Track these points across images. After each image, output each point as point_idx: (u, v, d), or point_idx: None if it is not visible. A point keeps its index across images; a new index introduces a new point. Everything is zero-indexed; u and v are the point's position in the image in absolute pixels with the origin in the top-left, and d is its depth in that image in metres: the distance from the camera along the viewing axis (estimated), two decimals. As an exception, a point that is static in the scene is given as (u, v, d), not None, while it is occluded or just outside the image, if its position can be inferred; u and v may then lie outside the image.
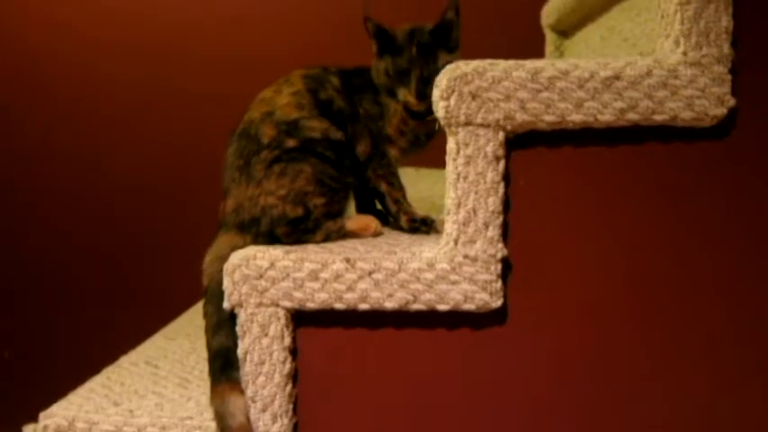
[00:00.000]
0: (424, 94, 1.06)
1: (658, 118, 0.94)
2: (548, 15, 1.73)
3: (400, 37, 1.12)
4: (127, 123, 2.05)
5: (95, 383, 1.20)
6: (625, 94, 0.93)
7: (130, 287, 2.08)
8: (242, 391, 1.00)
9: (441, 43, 1.11)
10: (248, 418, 1.00)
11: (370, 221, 1.11)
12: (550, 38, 1.77)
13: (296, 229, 1.07)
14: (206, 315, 1.05)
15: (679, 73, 0.93)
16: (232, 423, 0.99)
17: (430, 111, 0.99)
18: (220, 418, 1.00)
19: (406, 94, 1.10)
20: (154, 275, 2.06)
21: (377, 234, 1.11)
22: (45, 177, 2.08)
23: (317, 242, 1.08)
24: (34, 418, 1.07)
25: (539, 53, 1.79)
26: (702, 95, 0.93)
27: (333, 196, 1.10)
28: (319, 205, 1.08)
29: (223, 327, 1.03)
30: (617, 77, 0.93)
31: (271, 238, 1.07)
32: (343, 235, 1.10)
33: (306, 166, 1.07)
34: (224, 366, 1.02)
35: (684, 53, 0.93)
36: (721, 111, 0.94)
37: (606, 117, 0.94)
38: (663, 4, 0.96)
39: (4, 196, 2.10)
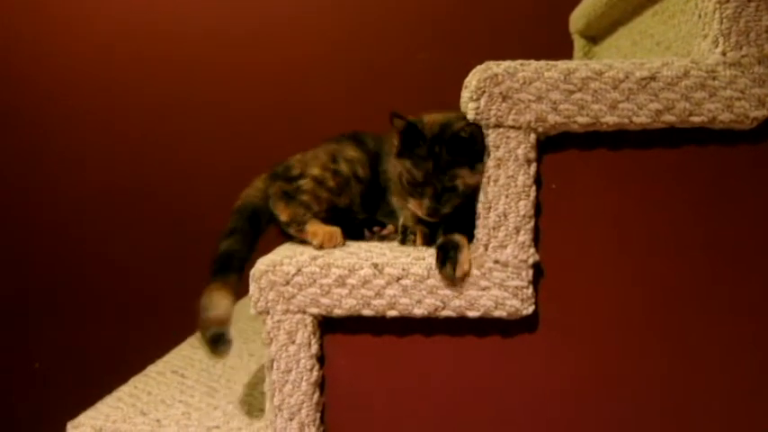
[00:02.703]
0: (436, 210, 0.98)
1: (696, 120, 0.91)
2: (576, 20, 1.70)
3: (421, 147, 0.99)
4: (153, 134, 2.06)
5: (123, 393, 1.20)
6: (661, 96, 0.90)
7: (157, 297, 2.09)
8: (230, 291, 1.03)
9: (462, 160, 0.96)
10: (228, 314, 1.01)
11: (321, 234, 1.04)
12: (579, 44, 1.74)
13: (281, 178, 1.13)
14: (228, 224, 1.11)
15: (718, 74, 0.90)
16: (210, 314, 1.01)
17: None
18: (202, 310, 1.02)
19: (416, 207, 1.00)
20: (181, 285, 2.06)
21: (320, 246, 1.03)
22: (73, 192, 2.09)
23: (283, 216, 1.09)
24: (62, 428, 1.07)
25: (567, 59, 1.76)
26: (742, 97, 0.90)
27: (333, 187, 1.10)
28: (308, 175, 1.11)
29: (236, 233, 1.09)
30: (653, 78, 0.90)
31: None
32: (301, 230, 1.07)
33: (345, 147, 1.15)
34: (222, 269, 1.05)
35: (723, 53, 0.90)
36: (762, 113, 0.91)
37: (641, 119, 0.91)
38: (701, 3, 0.93)
39: (32, 212, 2.12)
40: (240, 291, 1.08)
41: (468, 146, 0.95)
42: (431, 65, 1.94)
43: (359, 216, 1.14)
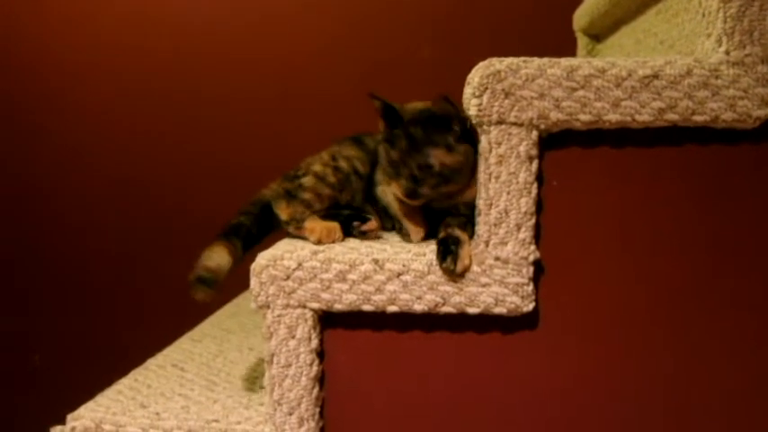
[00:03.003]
0: (414, 191, 0.99)
1: (698, 119, 0.91)
2: (579, 18, 1.70)
3: (398, 127, 1.02)
4: (156, 128, 2.06)
5: (123, 386, 1.20)
6: (664, 94, 0.90)
7: (157, 291, 2.09)
8: (230, 251, 1.06)
9: (437, 140, 0.99)
10: (219, 267, 1.05)
11: (319, 230, 1.04)
12: (582, 42, 1.74)
13: (286, 178, 1.14)
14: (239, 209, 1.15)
15: (721, 73, 0.90)
16: (201, 262, 1.05)
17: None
18: (199, 260, 1.06)
19: (397, 188, 1.02)
20: (180, 279, 2.06)
21: (318, 242, 1.03)
22: (74, 185, 2.10)
23: (283, 215, 1.09)
24: (62, 421, 1.07)
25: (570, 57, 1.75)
26: (745, 96, 0.90)
27: (334, 183, 1.10)
28: (310, 172, 1.11)
29: (248, 214, 1.13)
30: (656, 76, 0.90)
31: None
32: (299, 227, 1.07)
33: (345, 147, 1.15)
34: (227, 233, 1.08)
35: (727, 52, 0.90)
36: (765, 112, 0.90)
37: (644, 117, 0.91)
38: (704, 2, 0.93)
39: (34, 204, 2.12)
40: (242, 285, 1.08)
41: (442, 125, 0.98)
42: (433, 61, 1.94)
43: (344, 212, 1.13)
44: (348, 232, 1.08)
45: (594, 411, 0.98)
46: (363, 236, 1.07)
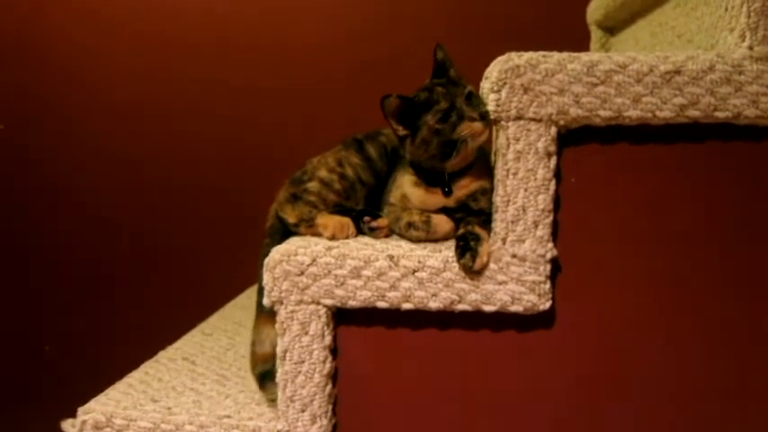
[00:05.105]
0: (481, 112, 0.94)
1: (720, 115, 0.90)
2: (594, 11, 1.68)
3: (422, 96, 1.01)
4: (167, 123, 2.05)
5: (133, 379, 1.19)
6: (686, 90, 0.89)
7: (168, 283, 2.08)
8: (275, 322, 1.03)
9: (459, 78, 1.02)
10: (275, 348, 1.02)
11: (332, 225, 1.04)
12: (596, 35, 1.72)
13: (292, 182, 1.12)
14: (263, 247, 1.10)
15: (744, 68, 0.88)
16: (259, 350, 1.08)
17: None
18: (252, 344, 1.10)
19: (468, 126, 0.95)
20: (192, 272, 2.06)
21: (332, 237, 1.03)
22: (90, 177, 2.09)
23: (291, 218, 1.07)
24: (73, 414, 1.07)
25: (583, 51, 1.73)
26: (769, 92, 0.88)
27: (340, 190, 1.08)
28: (315, 177, 1.10)
29: None
30: (677, 72, 0.88)
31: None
32: (311, 225, 1.06)
33: (350, 154, 1.12)
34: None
35: (750, 47, 0.88)
36: (789, 108, 0.89)
37: (665, 113, 0.90)
38: (727, -5, 0.91)
39: (49, 196, 2.12)
40: (254, 277, 1.07)
41: (447, 65, 1.03)
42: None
43: (356, 207, 1.12)
44: (360, 229, 1.07)
45: (610, 410, 0.97)
46: (372, 232, 1.05)
